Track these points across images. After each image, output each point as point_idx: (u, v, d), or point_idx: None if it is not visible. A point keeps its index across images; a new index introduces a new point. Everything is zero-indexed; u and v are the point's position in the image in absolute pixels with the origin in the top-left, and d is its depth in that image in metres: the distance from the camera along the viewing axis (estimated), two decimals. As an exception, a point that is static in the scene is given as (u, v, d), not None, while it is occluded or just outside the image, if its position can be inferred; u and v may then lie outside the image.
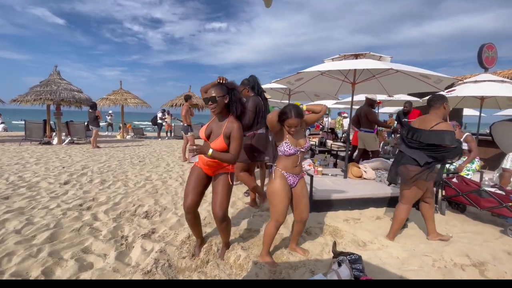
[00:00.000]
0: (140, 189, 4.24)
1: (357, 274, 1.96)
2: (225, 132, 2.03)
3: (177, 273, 2.08)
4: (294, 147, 2.12)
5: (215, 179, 2.18)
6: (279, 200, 2.13)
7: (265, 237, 2.21)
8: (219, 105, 2.05)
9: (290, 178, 2.19)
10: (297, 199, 2.25)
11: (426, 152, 2.56)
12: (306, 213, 2.27)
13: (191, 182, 2.19)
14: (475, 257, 2.43)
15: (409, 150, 2.67)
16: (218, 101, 2.04)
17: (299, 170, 2.22)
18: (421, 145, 2.58)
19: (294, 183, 2.23)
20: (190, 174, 2.23)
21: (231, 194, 2.20)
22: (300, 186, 2.24)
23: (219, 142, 2.04)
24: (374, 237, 2.80)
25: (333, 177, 4.55)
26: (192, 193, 2.16)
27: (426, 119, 2.64)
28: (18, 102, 9.63)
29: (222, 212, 2.10)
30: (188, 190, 2.18)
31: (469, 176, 3.98)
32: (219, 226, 2.19)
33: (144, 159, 7.06)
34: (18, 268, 2.00)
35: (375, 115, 5.61)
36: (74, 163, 6.17)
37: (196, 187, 2.18)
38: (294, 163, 2.17)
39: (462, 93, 5.38)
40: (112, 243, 2.44)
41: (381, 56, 4.54)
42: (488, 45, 8.50)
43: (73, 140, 10.08)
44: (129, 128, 15.52)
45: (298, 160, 2.18)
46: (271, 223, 2.19)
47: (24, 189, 3.99)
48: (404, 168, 2.67)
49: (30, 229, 2.66)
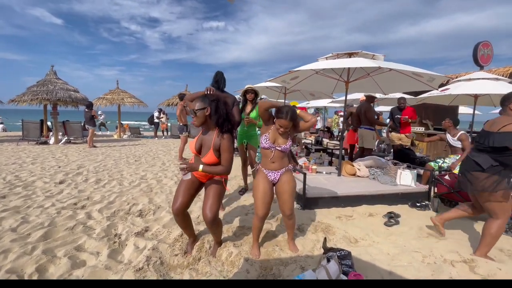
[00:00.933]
0: (135, 188, 4.26)
1: (346, 269, 1.99)
2: (215, 145, 2.05)
3: (169, 270, 2.11)
4: (270, 143, 2.20)
5: (208, 183, 2.19)
6: (257, 196, 2.25)
7: (252, 229, 2.37)
8: (198, 118, 2.04)
9: (270, 174, 2.27)
10: (278, 196, 2.33)
11: (491, 155, 2.28)
12: (287, 208, 2.29)
13: (183, 185, 2.19)
14: (466, 253, 2.45)
15: (474, 153, 2.43)
16: (198, 114, 2.03)
17: (276, 166, 2.26)
18: (487, 148, 2.31)
19: (275, 179, 2.29)
20: (181, 180, 2.23)
21: (222, 197, 2.22)
22: (281, 182, 2.28)
23: (209, 156, 2.05)
24: (366, 234, 2.83)
25: (327, 175, 4.59)
26: (182, 196, 2.16)
27: (496, 121, 2.34)
28: (16, 102, 9.61)
29: (212, 214, 2.08)
30: (178, 193, 2.17)
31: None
32: (210, 229, 2.19)
33: (140, 158, 7.08)
34: (13, 265, 2.02)
35: (373, 113, 5.61)
36: (70, 162, 6.18)
37: (187, 190, 2.18)
38: (270, 159, 2.24)
39: (456, 91, 5.43)
40: (105, 241, 2.46)
41: (374, 54, 4.57)
42: (484, 43, 8.55)
43: (70, 140, 10.07)
44: (126, 128, 15.51)
45: (271, 156, 2.23)
46: (254, 216, 2.32)
47: (20, 188, 4.01)
48: (471, 175, 2.39)
49: (26, 227, 2.68)
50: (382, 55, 4.58)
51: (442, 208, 3.75)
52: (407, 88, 4.88)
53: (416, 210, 3.64)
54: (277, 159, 2.24)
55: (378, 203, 3.75)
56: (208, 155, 2.06)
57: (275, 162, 2.25)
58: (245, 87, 3.79)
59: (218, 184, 2.16)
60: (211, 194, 2.12)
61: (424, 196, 3.97)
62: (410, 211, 3.63)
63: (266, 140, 2.20)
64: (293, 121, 2.13)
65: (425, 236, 2.87)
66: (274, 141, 2.22)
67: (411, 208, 3.72)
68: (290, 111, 2.11)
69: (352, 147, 6.55)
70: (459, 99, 6.82)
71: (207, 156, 2.06)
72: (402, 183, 4.08)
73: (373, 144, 5.58)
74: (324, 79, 5.11)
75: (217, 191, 2.14)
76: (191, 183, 2.21)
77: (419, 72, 3.89)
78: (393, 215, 3.29)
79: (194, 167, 2.00)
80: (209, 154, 2.05)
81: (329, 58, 4.86)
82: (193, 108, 2.04)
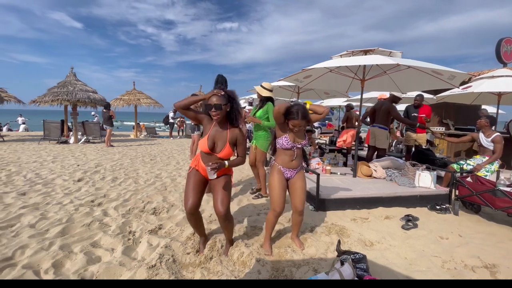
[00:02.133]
0: (150, 187, 4.33)
1: (361, 273, 1.92)
2: (231, 139, 2.14)
3: (181, 268, 2.11)
4: (292, 143, 2.24)
5: (215, 181, 2.20)
6: (275, 192, 2.30)
7: (266, 224, 2.42)
8: (221, 113, 2.09)
9: (287, 172, 2.33)
10: (292, 191, 2.37)
11: None
12: (300, 205, 2.35)
13: (191, 185, 2.20)
14: (487, 258, 2.34)
15: None
16: (223, 108, 2.07)
17: (296, 164, 2.32)
18: None
19: (291, 176, 2.36)
20: (188, 178, 2.24)
21: (231, 191, 2.27)
22: (296, 179, 2.35)
23: (226, 150, 2.12)
24: (382, 237, 2.74)
25: (342, 176, 4.49)
26: (193, 196, 2.17)
27: None
28: (37, 103, 10.03)
29: (224, 209, 2.12)
30: (188, 194, 2.18)
31: (487, 177, 3.79)
32: (222, 224, 2.21)
33: (155, 158, 7.21)
34: (30, 261, 2.09)
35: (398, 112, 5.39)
36: (89, 161, 6.38)
37: (196, 189, 2.19)
38: (291, 158, 2.29)
39: (478, 89, 5.17)
40: (120, 238, 2.51)
41: (391, 51, 4.43)
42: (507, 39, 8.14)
43: (89, 139, 10.41)
44: (142, 128, 15.88)
45: (294, 155, 2.28)
46: (270, 212, 2.36)
47: (40, 185, 4.16)
48: None
49: (44, 223, 2.77)
50: (399, 52, 4.43)
51: (464, 211, 3.58)
52: (426, 86, 4.68)
53: (435, 213, 3.50)
54: (298, 157, 2.32)
55: (395, 205, 3.62)
56: (224, 150, 2.12)
57: (296, 160, 2.30)
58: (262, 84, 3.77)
59: (226, 179, 2.21)
60: (220, 189, 2.16)
61: (444, 198, 3.80)
62: (429, 214, 3.48)
63: (288, 141, 2.23)
64: (305, 119, 2.14)
65: (445, 240, 2.74)
66: (294, 140, 2.25)
67: (431, 211, 3.58)
68: (300, 110, 2.12)
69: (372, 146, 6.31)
70: (481, 98, 6.51)
71: (224, 151, 2.12)
72: (421, 184, 3.93)
73: (386, 143, 5.38)
74: (339, 77, 5.00)
75: (225, 185, 2.18)
76: (198, 181, 2.21)
77: (439, 70, 3.72)
78: (411, 218, 3.17)
79: (222, 164, 2.06)
80: (226, 149, 2.12)
81: (344, 56, 4.76)
82: (214, 103, 2.04)
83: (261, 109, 3.71)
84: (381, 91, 5.79)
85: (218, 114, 2.07)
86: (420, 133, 5.88)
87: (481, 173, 3.88)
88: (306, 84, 5.17)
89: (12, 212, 3.03)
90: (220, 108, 2.06)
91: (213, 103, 2.05)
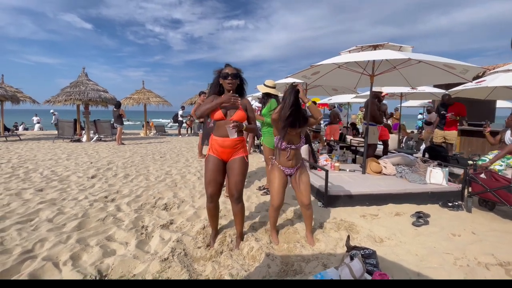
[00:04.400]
0: (161, 183, 4.42)
1: (370, 269, 1.93)
2: (243, 106, 2.26)
3: (192, 261, 2.16)
4: (286, 144, 2.32)
5: (231, 162, 2.26)
6: (273, 187, 2.42)
7: (269, 219, 2.60)
8: (236, 82, 2.22)
9: (286, 170, 2.42)
10: (295, 187, 2.46)
11: None
12: (305, 199, 2.41)
13: (209, 172, 2.24)
14: (502, 256, 2.30)
15: None
16: (238, 78, 2.23)
17: (292, 164, 2.40)
18: None
19: (291, 174, 2.44)
20: (206, 165, 2.28)
21: (246, 174, 2.33)
22: (297, 175, 2.43)
23: (239, 113, 2.21)
24: (392, 233, 2.73)
25: (351, 173, 4.47)
26: (213, 183, 2.24)
27: None
28: (51, 102, 10.31)
29: (238, 192, 2.23)
30: (208, 180, 2.24)
31: (502, 168, 3.73)
32: (234, 208, 2.31)
33: (165, 155, 7.32)
34: (49, 253, 2.17)
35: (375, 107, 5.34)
36: (101, 158, 6.54)
37: (215, 175, 2.24)
38: (287, 158, 2.37)
39: (493, 83, 5.02)
40: (133, 232, 2.58)
41: (401, 46, 4.35)
42: (524, 32, 7.84)
43: (100, 138, 10.64)
44: (152, 126, 16.10)
45: (288, 155, 2.36)
46: (270, 207, 2.52)
47: (56, 182, 4.31)
48: None
49: (61, 218, 2.87)
50: (410, 46, 4.35)
51: (477, 208, 3.51)
52: (437, 81, 4.60)
53: (447, 210, 3.44)
54: (293, 157, 2.38)
55: (406, 202, 3.58)
56: (237, 113, 2.22)
57: (291, 160, 2.38)
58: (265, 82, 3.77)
59: (242, 161, 2.26)
60: (235, 172, 2.23)
61: (457, 195, 3.74)
62: (441, 211, 3.44)
63: (282, 142, 2.31)
64: (236, 78, 2.24)
65: (458, 237, 2.70)
66: (289, 141, 2.33)
67: (442, 208, 3.53)
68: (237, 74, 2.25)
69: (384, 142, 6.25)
70: (496, 92, 6.31)
71: (237, 114, 2.21)
72: (432, 181, 3.87)
73: (374, 139, 5.32)
74: (347, 73, 4.95)
75: (241, 168, 2.25)
76: (217, 169, 2.25)
77: (452, 64, 3.63)
78: (422, 215, 3.13)
79: (241, 124, 2.19)
80: (238, 112, 2.22)
81: (353, 51, 4.70)
82: (231, 72, 2.20)
83: (265, 106, 3.73)
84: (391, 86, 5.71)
85: (233, 83, 2.20)
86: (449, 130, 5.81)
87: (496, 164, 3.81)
88: (314, 81, 5.14)
89: (31, 207, 3.15)
90: (236, 77, 2.21)
91: (230, 71, 2.19)
